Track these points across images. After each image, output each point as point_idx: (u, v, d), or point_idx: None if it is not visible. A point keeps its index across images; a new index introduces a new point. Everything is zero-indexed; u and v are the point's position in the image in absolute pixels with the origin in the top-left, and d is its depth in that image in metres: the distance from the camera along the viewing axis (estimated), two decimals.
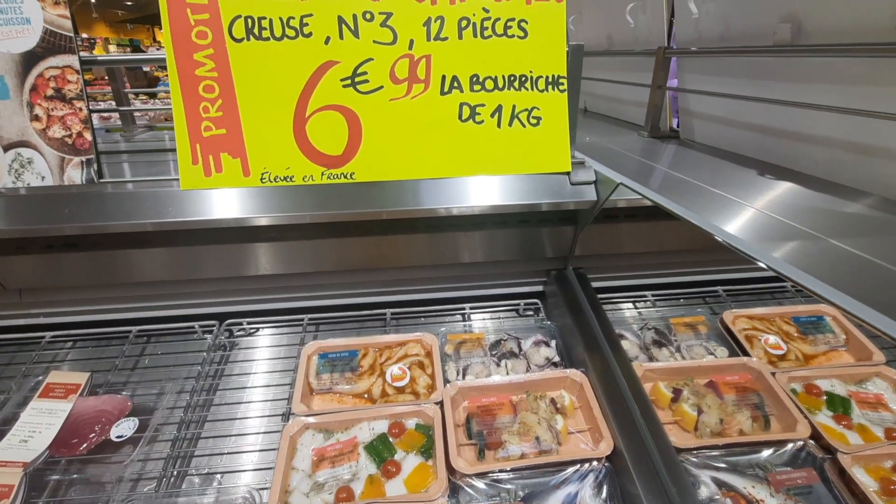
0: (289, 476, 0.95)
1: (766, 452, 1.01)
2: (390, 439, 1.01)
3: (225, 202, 1.05)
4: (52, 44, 0.97)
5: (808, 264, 0.64)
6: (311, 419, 1.03)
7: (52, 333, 1.31)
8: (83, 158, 1.01)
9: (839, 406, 1.11)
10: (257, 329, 1.37)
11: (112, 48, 15.09)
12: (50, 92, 0.99)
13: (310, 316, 1.37)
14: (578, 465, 0.96)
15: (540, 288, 1.44)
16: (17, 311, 1.28)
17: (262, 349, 1.32)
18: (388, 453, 0.98)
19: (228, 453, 1.06)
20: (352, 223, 1.23)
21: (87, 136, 1.01)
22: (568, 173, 1.13)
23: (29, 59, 0.97)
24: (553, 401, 1.08)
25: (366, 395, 1.12)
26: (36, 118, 0.99)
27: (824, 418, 1.09)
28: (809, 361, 1.23)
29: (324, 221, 1.10)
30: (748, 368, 1.16)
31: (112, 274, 1.24)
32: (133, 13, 16.96)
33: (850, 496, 0.93)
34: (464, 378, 1.16)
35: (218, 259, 1.25)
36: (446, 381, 1.13)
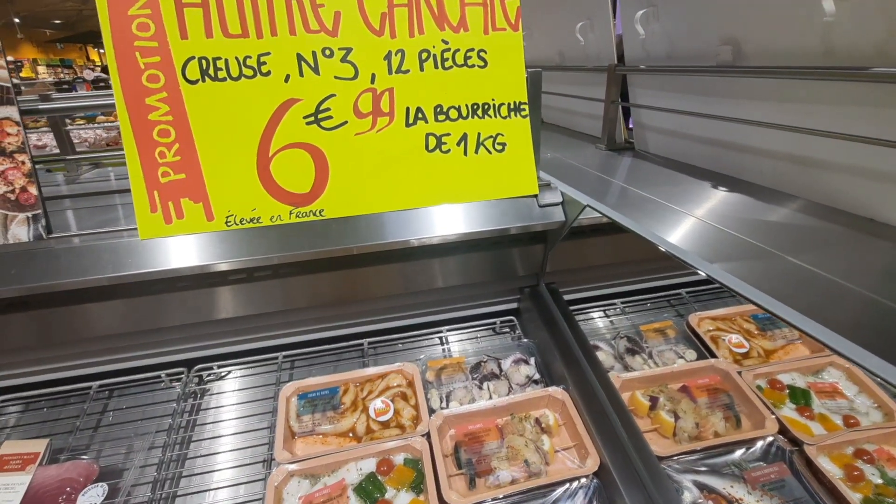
0: None
1: (740, 451, 1.06)
2: (379, 478, 1.00)
3: (189, 249, 1.01)
4: None
5: (749, 275, 0.69)
6: (294, 466, 1.00)
7: (1, 398, 1.21)
8: (29, 214, 0.95)
9: (801, 398, 1.18)
10: (229, 372, 1.32)
11: (42, 69, 14.21)
12: None
13: (284, 353, 1.33)
14: (568, 485, 0.98)
15: (514, 305, 1.46)
16: None
17: (236, 393, 1.28)
18: (379, 493, 0.97)
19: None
20: (323, 259, 1.21)
21: (32, 190, 0.95)
22: (536, 196, 1.16)
23: None
24: (538, 421, 1.10)
25: (350, 434, 1.10)
26: None
27: (789, 411, 1.16)
28: (770, 356, 1.30)
29: (295, 261, 1.07)
30: (716, 370, 1.22)
31: (68, 330, 1.16)
32: (63, 32, 16.06)
33: (818, 485, 0.99)
34: (448, 404, 1.16)
35: (183, 305, 1.20)
36: (431, 410, 1.13)
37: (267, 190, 1.03)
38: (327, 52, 1.03)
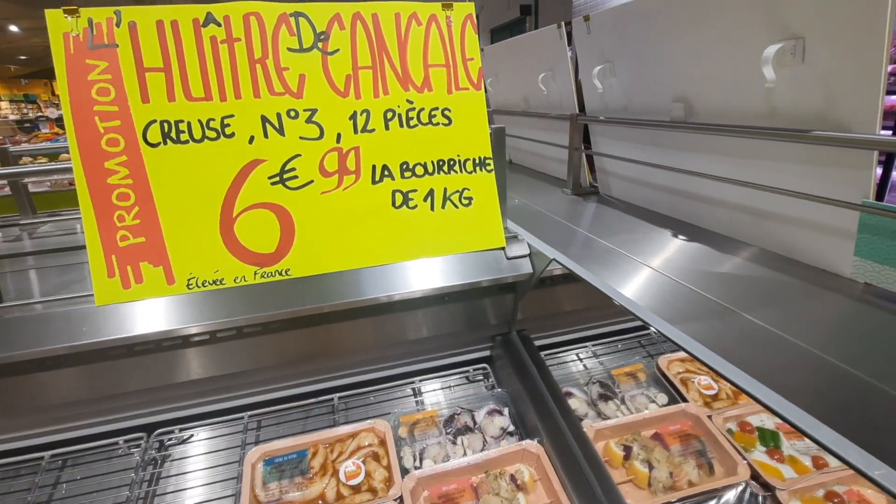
0: None
1: (713, 501, 1.06)
2: None
3: (149, 313, 0.98)
4: None
5: (704, 336, 0.71)
6: None
7: None
8: None
9: (770, 440, 1.20)
10: (192, 435, 1.26)
11: (4, 104, 13.90)
12: None
13: (250, 413, 1.28)
14: None
15: (487, 353, 1.45)
16: None
17: (199, 458, 1.22)
18: None
19: None
20: (291, 318, 1.19)
21: None
22: (503, 248, 1.17)
23: None
24: (513, 477, 1.08)
25: (320, 502, 1.05)
26: None
27: (760, 454, 1.17)
28: (738, 397, 1.32)
29: (260, 322, 1.05)
30: (687, 415, 1.23)
31: (17, 399, 1.10)
32: (28, 68, 15.84)
33: None
34: (421, 462, 1.13)
35: (143, 369, 1.15)
36: (404, 470, 1.09)
37: (230, 251, 1.02)
38: (292, 114, 1.04)
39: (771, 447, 1.18)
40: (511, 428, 1.22)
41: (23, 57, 14.44)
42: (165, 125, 0.97)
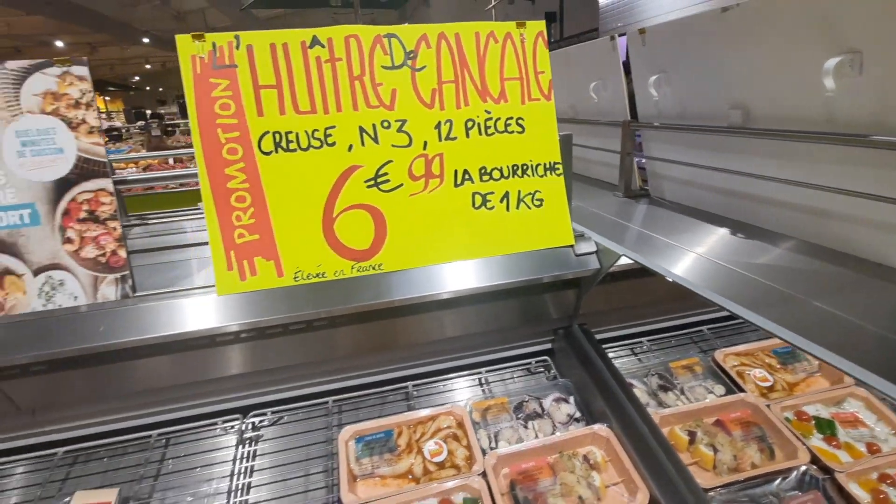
0: None
1: (776, 481, 1.13)
2: None
3: (259, 304, 1.09)
4: (85, 170, 1.01)
5: (783, 319, 0.79)
6: None
7: (63, 449, 1.26)
8: (117, 275, 1.04)
9: (826, 428, 1.26)
10: (281, 417, 1.38)
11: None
12: (83, 215, 1.01)
13: (334, 398, 1.39)
14: None
15: (548, 346, 1.54)
16: (30, 430, 1.23)
17: (290, 438, 1.33)
18: None
19: None
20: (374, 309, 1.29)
21: (122, 253, 1.04)
22: (571, 246, 1.26)
23: (62, 186, 1.00)
24: (585, 457, 1.17)
25: (409, 476, 1.15)
26: (68, 241, 1.01)
27: (817, 441, 1.23)
28: (793, 389, 1.39)
29: (357, 312, 1.16)
30: (746, 404, 1.29)
31: (130, 382, 1.23)
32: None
33: None
34: (497, 444, 1.22)
35: (242, 355, 1.27)
36: (482, 450, 1.19)
37: (331, 247, 1.13)
38: (385, 124, 1.15)
39: (827, 434, 1.25)
40: (577, 415, 1.31)
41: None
42: (277, 136, 1.09)
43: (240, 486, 1.19)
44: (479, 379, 1.51)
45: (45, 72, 0.98)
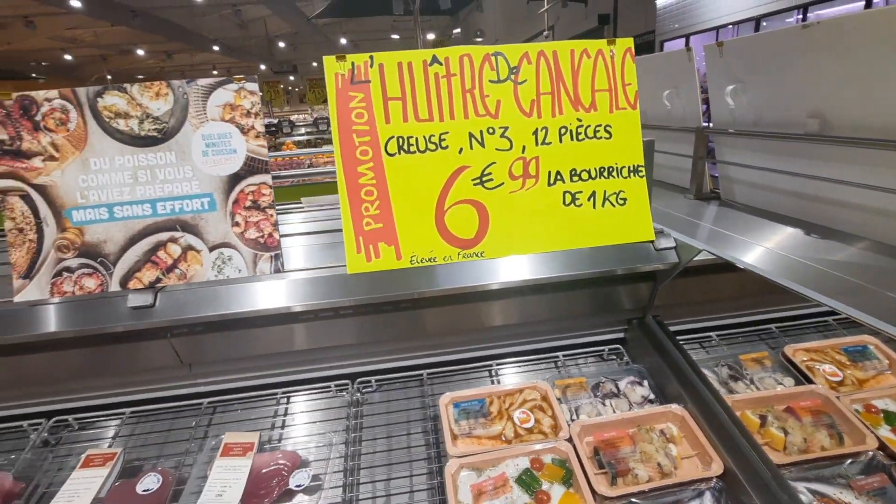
0: None
1: (845, 463, 1.22)
2: (534, 473, 1.21)
3: (379, 282, 1.29)
4: (251, 167, 1.24)
5: (854, 302, 0.89)
6: (465, 459, 1.23)
7: (207, 399, 1.51)
8: (272, 254, 1.26)
9: (894, 420, 1.32)
10: (381, 385, 1.58)
11: None
12: (248, 203, 1.24)
13: (427, 371, 1.58)
14: (696, 485, 1.16)
15: (621, 335, 1.67)
16: (185, 381, 1.49)
17: (392, 402, 1.52)
18: (537, 485, 1.18)
19: (396, 494, 1.25)
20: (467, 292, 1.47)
21: (276, 235, 1.26)
22: (652, 241, 1.39)
23: (233, 180, 1.24)
24: (662, 432, 1.29)
25: (502, 437, 1.32)
26: (236, 224, 1.25)
27: (885, 432, 1.30)
28: (863, 385, 1.45)
29: (461, 293, 1.34)
30: (816, 394, 1.38)
31: (265, 345, 1.46)
32: None
33: None
34: (577, 416, 1.37)
35: (355, 328, 1.48)
36: (567, 421, 1.34)
37: (441, 236, 1.32)
38: (490, 131, 1.32)
39: (895, 426, 1.31)
40: (651, 396, 1.43)
41: (140, 77, 16.48)
42: (400, 140, 1.29)
43: (353, 439, 1.39)
44: (556, 362, 1.66)
45: (226, 87, 1.21)
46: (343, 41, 19.98)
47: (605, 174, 1.38)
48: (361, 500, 1.24)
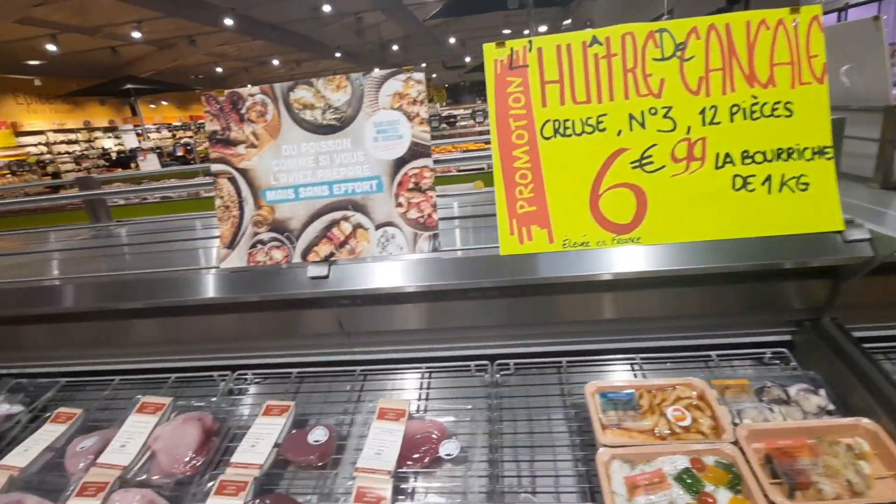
0: (613, 500, 1.11)
1: None
2: (696, 473, 1.14)
3: (533, 265, 1.31)
4: (415, 151, 1.32)
5: None
6: (617, 450, 1.19)
7: (360, 367, 1.64)
8: (430, 233, 1.33)
9: None
10: (520, 368, 1.59)
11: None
12: (411, 185, 1.33)
13: (567, 359, 1.56)
14: None
15: (787, 337, 1.51)
16: (343, 349, 1.64)
17: (531, 387, 1.53)
18: (699, 486, 1.11)
19: (541, 476, 1.26)
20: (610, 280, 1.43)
21: (435, 216, 1.33)
22: (840, 232, 1.23)
23: (399, 163, 1.33)
24: (849, 447, 1.14)
25: (654, 433, 1.26)
26: (399, 205, 1.34)
27: None
28: None
29: (607, 280, 1.31)
30: None
31: (415, 320, 1.55)
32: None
33: None
34: (741, 420, 1.26)
35: (498, 308, 1.51)
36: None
37: (595, 220, 1.29)
38: (652, 111, 1.27)
39: None
40: (830, 407, 1.27)
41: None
42: (556, 123, 1.29)
43: (494, 417, 1.42)
44: (707, 362, 1.54)
45: (396, 78, 1.31)
46: (452, 40, 20.46)
47: (784, 156, 1.25)
48: (506, 477, 1.27)
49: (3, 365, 1.81)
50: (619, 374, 1.53)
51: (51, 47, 13.31)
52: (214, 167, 1.37)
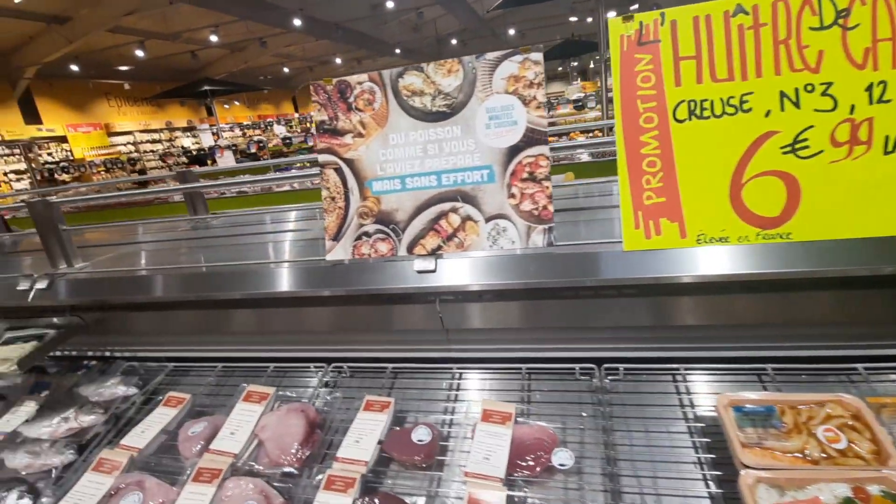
0: None
1: None
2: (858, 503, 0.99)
3: (656, 262, 1.19)
4: (530, 138, 1.24)
5: None
6: (764, 473, 1.06)
7: (457, 366, 1.59)
8: (545, 227, 1.25)
9: None
10: (629, 374, 1.47)
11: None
12: (525, 175, 1.25)
13: (685, 366, 1.43)
14: None
15: None
16: (441, 346, 1.59)
17: (643, 395, 1.41)
18: None
19: (666, 495, 1.14)
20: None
21: (550, 208, 1.24)
22: None
23: (512, 151, 1.25)
24: None
25: (804, 455, 1.11)
26: (512, 196, 1.26)
27: None
28: None
29: (763, 281, 1.17)
30: None
31: (518, 318, 1.47)
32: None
33: None
34: None
35: (604, 310, 1.40)
36: None
37: (737, 213, 1.15)
38: (808, 88, 1.11)
39: None
40: None
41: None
42: (692, 104, 1.16)
43: (605, 427, 1.31)
44: (849, 375, 1.35)
45: (512, 59, 1.23)
46: (511, 32, 20.11)
47: None
48: (627, 493, 1.16)
49: (117, 348, 1.91)
50: (747, 386, 1.37)
51: (139, 53, 14.41)
52: (321, 157, 1.35)
